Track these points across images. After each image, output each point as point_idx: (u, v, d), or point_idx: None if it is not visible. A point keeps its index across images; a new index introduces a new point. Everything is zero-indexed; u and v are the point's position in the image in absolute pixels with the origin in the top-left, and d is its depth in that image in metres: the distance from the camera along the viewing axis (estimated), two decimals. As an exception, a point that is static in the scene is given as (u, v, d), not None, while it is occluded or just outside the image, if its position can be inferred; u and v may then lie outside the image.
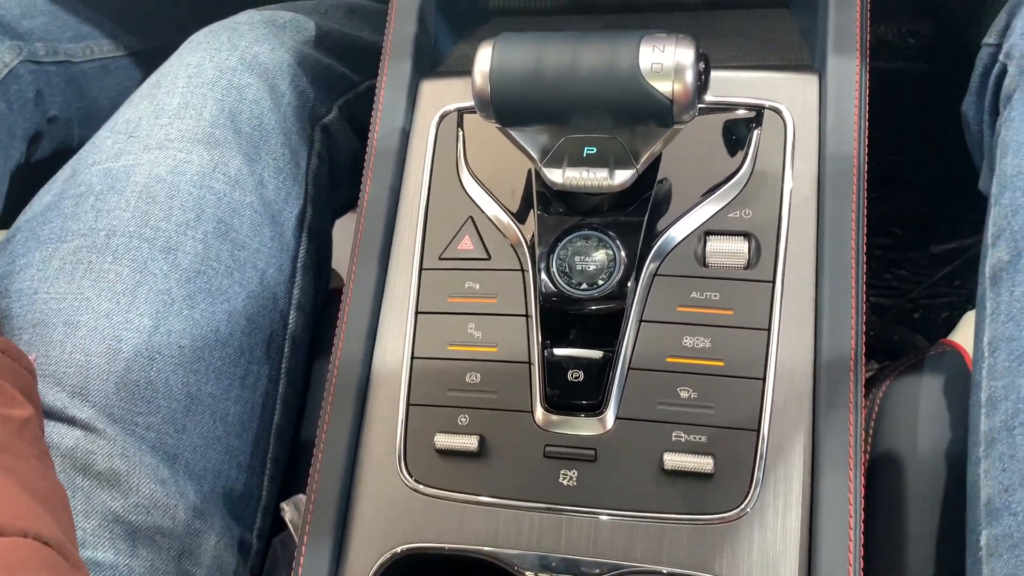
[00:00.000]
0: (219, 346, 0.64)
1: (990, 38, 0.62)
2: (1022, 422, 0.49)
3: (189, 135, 0.68)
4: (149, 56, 0.94)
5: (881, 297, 1.13)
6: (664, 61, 0.48)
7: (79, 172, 0.68)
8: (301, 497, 0.58)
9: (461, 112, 0.62)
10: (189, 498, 0.60)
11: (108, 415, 0.58)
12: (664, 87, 0.49)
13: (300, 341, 0.72)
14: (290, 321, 0.71)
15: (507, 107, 0.51)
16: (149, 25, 0.95)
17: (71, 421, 0.57)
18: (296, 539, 0.56)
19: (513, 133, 0.54)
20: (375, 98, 0.64)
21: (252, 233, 0.67)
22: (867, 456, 0.61)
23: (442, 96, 0.63)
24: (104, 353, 0.60)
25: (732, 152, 0.57)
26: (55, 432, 0.57)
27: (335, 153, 0.79)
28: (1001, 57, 0.60)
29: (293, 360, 0.71)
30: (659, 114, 0.49)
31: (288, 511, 0.62)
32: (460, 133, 0.62)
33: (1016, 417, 0.50)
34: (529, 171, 0.59)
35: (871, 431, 0.63)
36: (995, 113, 0.60)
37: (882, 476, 0.61)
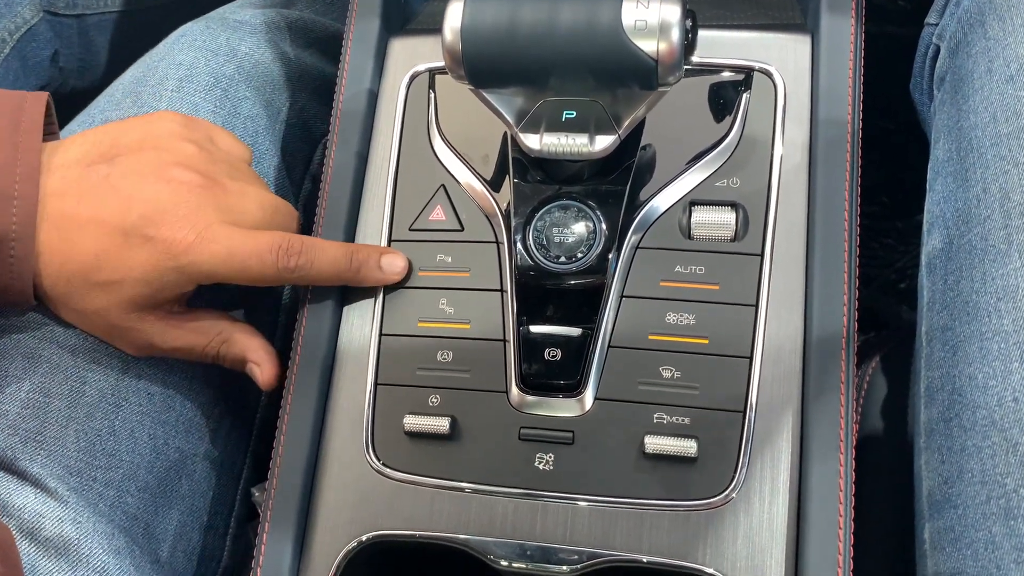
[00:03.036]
0: (192, 395, 0.59)
1: (931, 18, 0.59)
2: (958, 413, 0.48)
3: None
4: (153, 14, 0.90)
5: (866, 267, 1.10)
6: (648, 18, 0.45)
7: None
8: None
9: (433, 73, 0.59)
10: (145, 570, 0.55)
11: (64, 467, 0.53)
12: (648, 46, 0.46)
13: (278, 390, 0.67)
14: None
15: (480, 67, 0.48)
16: None
17: (21, 475, 0.52)
18: None
19: (487, 95, 0.51)
20: (340, 57, 0.60)
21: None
22: (855, 435, 0.59)
23: (412, 56, 0.60)
24: (67, 395, 0.54)
25: (719, 117, 0.55)
26: (2, 486, 0.52)
27: None
28: (934, 38, 0.58)
29: (269, 411, 0.66)
30: (643, 75, 0.47)
31: (259, 496, 0.59)
32: (432, 95, 0.58)
33: (952, 408, 0.48)
34: (505, 136, 0.56)
35: (859, 409, 0.61)
36: (932, 95, 0.58)
37: (870, 456, 0.58)
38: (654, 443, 0.49)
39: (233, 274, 0.52)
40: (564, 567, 0.49)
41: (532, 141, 0.50)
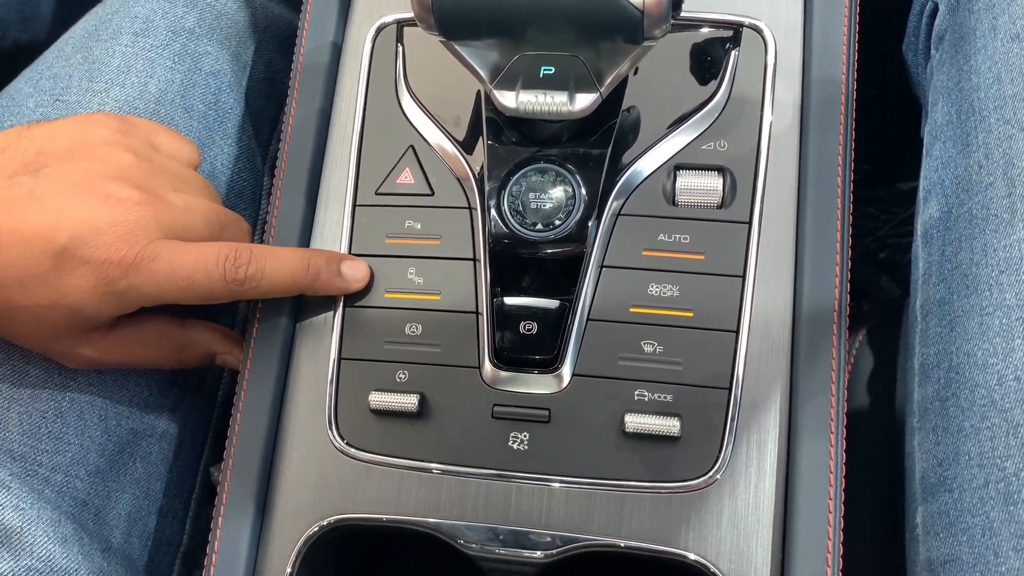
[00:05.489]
0: (146, 373, 0.56)
1: None
2: (955, 392, 0.46)
3: (129, 108, 0.58)
4: None
5: (846, 236, 1.09)
6: (635, -36, 0.42)
7: None
8: None
9: (401, 24, 0.56)
10: (95, 559, 0.52)
11: (6, 451, 0.50)
12: None
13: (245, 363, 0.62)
14: None
15: (451, 16, 0.45)
16: None
17: None
18: None
19: (459, 48, 0.48)
20: (302, 7, 0.57)
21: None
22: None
23: (379, 5, 0.57)
24: (8, 376, 0.52)
25: (706, 76, 0.52)
26: None
27: None
28: None
29: (231, 387, 0.63)
30: (627, 27, 0.44)
31: (218, 475, 0.56)
32: (400, 49, 0.55)
33: (949, 387, 0.47)
34: (478, 94, 0.53)
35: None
36: (928, 56, 0.56)
37: (857, 434, 0.56)
38: (635, 421, 0.47)
39: (179, 293, 0.48)
40: (538, 552, 0.48)
41: (507, 99, 0.47)
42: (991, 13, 0.49)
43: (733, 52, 0.52)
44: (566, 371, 0.49)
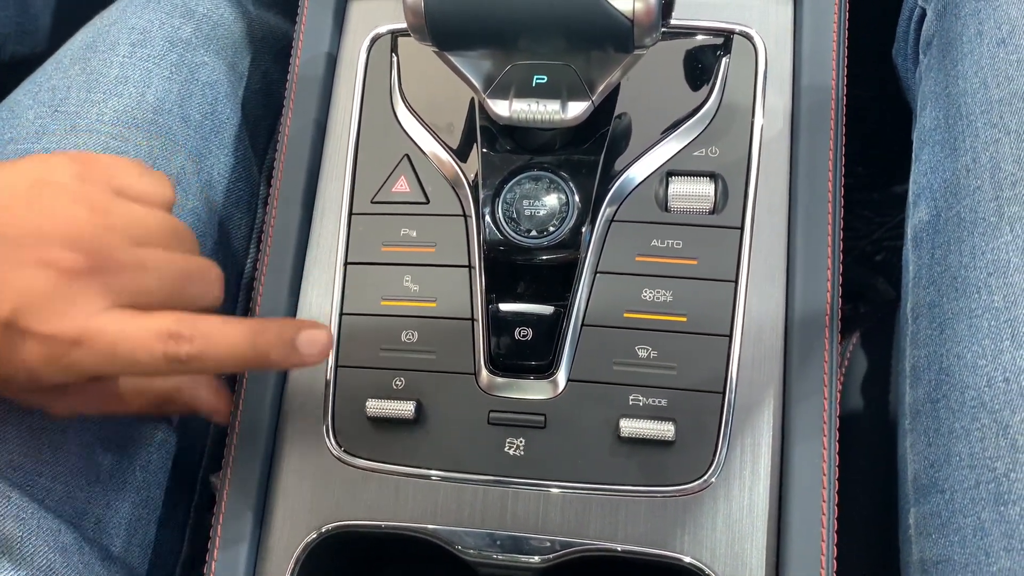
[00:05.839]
0: None
1: None
2: (945, 394, 0.46)
3: (127, 118, 0.58)
4: None
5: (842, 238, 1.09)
6: (624, -26, 0.42)
7: None
8: None
9: (395, 35, 0.56)
10: (95, 568, 0.52)
11: (6, 462, 0.50)
12: (624, 5, 0.43)
13: (241, 373, 0.61)
14: None
15: (445, 27, 0.45)
16: None
17: None
18: None
19: (452, 59, 0.48)
20: (297, 18, 0.57)
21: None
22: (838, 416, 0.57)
23: (374, 16, 0.57)
24: None
25: (698, 83, 0.53)
26: None
27: None
28: (920, 1, 0.56)
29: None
30: (618, 37, 0.44)
31: (218, 483, 0.57)
32: (394, 59, 0.56)
33: (939, 389, 0.47)
34: (472, 103, 0.53)
35: (840, 387, 0.59)
36: (917, 61, 0.57)
37: (851, 436, 0.57)
38: (630, 426, 0.47)
39: (122, 369, 0.45)
40: (535, 557, 0.48)
41: (501, 108, 0.48)
42: (977, 19, 0.50)
43: (724, 59, 0.52)
44: (561, 377, 0.49)
